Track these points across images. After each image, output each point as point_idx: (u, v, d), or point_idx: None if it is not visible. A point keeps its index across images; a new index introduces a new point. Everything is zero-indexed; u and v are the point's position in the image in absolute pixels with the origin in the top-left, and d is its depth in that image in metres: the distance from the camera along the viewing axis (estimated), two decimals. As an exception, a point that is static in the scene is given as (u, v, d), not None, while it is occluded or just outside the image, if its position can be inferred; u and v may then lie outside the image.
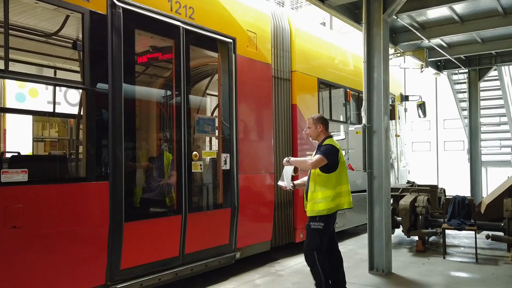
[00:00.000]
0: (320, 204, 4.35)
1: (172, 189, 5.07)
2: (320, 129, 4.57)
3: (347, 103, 8.66)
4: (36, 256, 3.65)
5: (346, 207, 4.48)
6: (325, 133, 4.60)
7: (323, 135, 4.58)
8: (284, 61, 6.92)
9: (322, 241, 4.36)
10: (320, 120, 4.60)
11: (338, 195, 4.39)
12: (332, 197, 4.33)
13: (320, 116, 4.67)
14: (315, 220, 4.36)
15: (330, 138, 4.56)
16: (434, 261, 6.53)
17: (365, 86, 5.97)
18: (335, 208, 4.38)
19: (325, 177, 4.37)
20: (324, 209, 4.32)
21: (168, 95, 5.93)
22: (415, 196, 7.47)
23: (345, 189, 4.46)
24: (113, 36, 4.29)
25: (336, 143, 4.51)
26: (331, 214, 4.36)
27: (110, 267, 4.21)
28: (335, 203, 4.37)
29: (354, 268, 6.11)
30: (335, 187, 4.37)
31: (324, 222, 4.33)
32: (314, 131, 4.61)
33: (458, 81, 12.31)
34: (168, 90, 5.90)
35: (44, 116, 7.24)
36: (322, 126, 4.57)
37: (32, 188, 3.59)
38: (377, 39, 5.94)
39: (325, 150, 4.43)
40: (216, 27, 5.50)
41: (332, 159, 4.37)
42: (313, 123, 4.60)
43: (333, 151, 4.40)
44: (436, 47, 9.17)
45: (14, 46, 5.15)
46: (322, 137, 4.58)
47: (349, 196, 4.50)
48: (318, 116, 4.68)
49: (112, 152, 4.22)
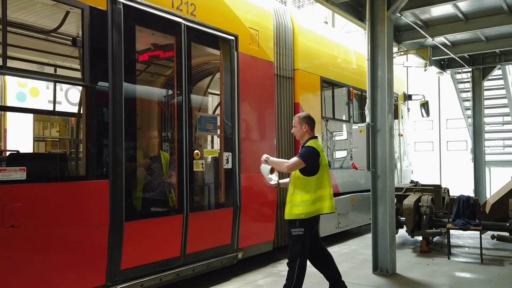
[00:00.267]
0: (298, 207, 4.21)
1: (173, 188, 5.00)
2: (305, 129, 4.40)
3: (350, 102, 8.58)
4: (35, 256, 3.58)
5: (327, 211, 4.31)
6: (310, 133, 4.43)
7: (308, 136, 4.42)
8: (286, 59, 6.85)
9: (304, 247, 4.23)
10: (305, 119, 4.42)
11: (318, 199, 4.23)
12: (311, 201, 4.18)
13: (306, 116, 4.48)
14: (295, 226, 4.21)
15: (314, 139, 4.38)
16: (439, 262, 6.44)
17: (369, 84, 5.90)
18: (315, 213, 4.22)
19: (305, 180, 4.23)
20: (302, 213, 4.18)
21: (169, 93, 5.86)
22: (419, 196, 7.38)
23: (326, 193, 4.28)
24: (113, 32, 4.22)
25: (319, 145, 4.32)
26: (310, 218, 4.22)
27: (110, 267, 4.14)
28: (315, 207, 4.21)
29: (358, 269, 6.03)
30: (316, 191, 4.21)
31: (304, 227, 4.20)
32: (299, 131, 4.45)
33: (462, 80, 12.21)
34: (169, 87, 5.83)
35: (44, 114, 7.17)
36: (307, 126, 4.40)
37: (30, 187, 3.52)
38: (381, 37, 5.87)
39: (304, 152, 4.29)
40: (218, 24, 5.43)
41: (310, 162, 4.22)
42: (298, 122, 4.45)
43: (313, 154, 4.24)
44: (439, 45, 9.08)
45: (13, 44, 5.07)
46: (307, 137, 4.42)
47: (331, 200, 4.33)
48: (304, 115, 4.49)
49: (113, 150, 4.15)
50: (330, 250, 7.20)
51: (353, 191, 8.43)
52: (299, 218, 4.18)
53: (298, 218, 4.19)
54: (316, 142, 4.36)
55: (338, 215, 7.82)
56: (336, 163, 8.32)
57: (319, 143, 4.38)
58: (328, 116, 7.88)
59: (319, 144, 4.37)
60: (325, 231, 7.41)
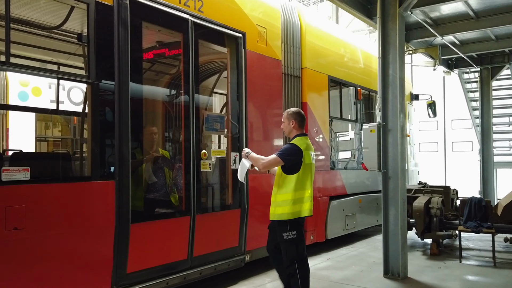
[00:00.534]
0: (280, 207, 4.07)
1: (180, 189, 4.86)
2: (293, 125, 4.24)
3: (357, 101, 8.44)
4: (39, 259, 3.45)
5: (306, 214, 4.10)
6: (298, 130, 4.25)
7: (295, 132, 4.26)
8: (294, 58, 6.71)
9: (298, 250, 4.09)
10: (293, 115, 4.25)
11: (299, 200, 4.05)
12: (292, 201, 4.02)
13: (296, 111, 4.29)
14: (286, 230, 4.06)
15: (300, 137, 4.20)
16: (450, 265, 6.29)
17: (380, 83, 5.76)
18: (296, 214, 4.06)
19: (285, 179, 4.08)
20: (284, 213, 4.03)
21: (175, 91, 5.73)
22: (429, 198, 7.24)
23: (306, 194, 4.09)
24: (119, 28, 4.09)
25: (303, 143, 4.12)
26: (299, 219, 4.07)
27: (116, 270, 4.00)
28: (295, 208, 4.04)
29: (368, 272, 5.89)
30: (295, 191, 4.03)
31: (296, 229, 4.06)
32: (287, 127, 4.29)
33: (469, 80, 12.05)
34: (176, 86, 5.70)
35: (49, 113, 7.05)
36: (295, 122, 4.23)
37: (34, 187, 3.39)
38: (392, 34, 5.73)
39: (283, 150, 4.15)
40: (225, 21, 5.30)
41: (289, 160, 4.05)
42: (286, 117, 4.29)
43: (293, 151, 4.07)
44: (449, 44, 8.93)
45: (17, 41, 4.95)
46: (294, 133, 4.26)
47: (311, 202, 4.13)
48: (294, 111, 4.31)
49: (118, 150, 4.02)
50: (337, 253, 7.16)
51: (361, 192, 8.29)
52: (283, 219, 4.05)
53: (281, 218, 4.06)
54: (301, 139, 4.17)
55: (346, 217, 7.68)
56: (344, 163, 8.17)
57: (305, 141, 4.17)
58: (335, 115, 7.74)
59: (304, 142, 4.16)
60: (332, 233, 7.28)
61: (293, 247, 4.07)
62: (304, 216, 4.12)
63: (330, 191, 7.35)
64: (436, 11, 7.69)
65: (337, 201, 7.42)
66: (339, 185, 7.62)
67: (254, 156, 4.27)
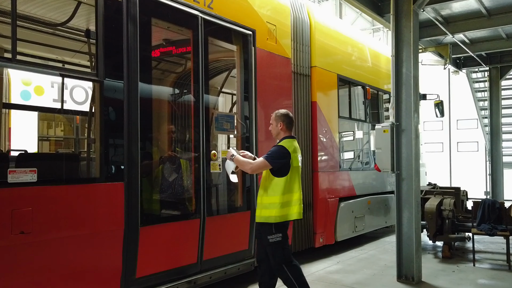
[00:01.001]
0: (267, 210, 3.94)
1: (190, 191, 4.72)
2: (281, 127, 4.12)
3: (366, 101, 8.29)
4: (46, 264, 3.31)
5: (295, 218, 4.00)
6: (286, 132, 4.13)
7: (283, 134, 4.13)
8: (304, 56, 6.57)
9: (285, 251, 3.96)
10: (282, 117, 4.13)
11: (287, 203, 3.94)
12: (280, 204, 3.90)
13: (284, 113, 4.16)
14: (271, 232, 3.93)
15: (288, 139, 4.08)
16: (464, 269, 6.14)
17: (393, 82, 5.61)
18: (283, 218, 3.94)
19: (274, 181, 3.96)
20: (271, 215, 3.91)
21: (184, 90, 5.59)
22: (441, 199, 7.09)
23: (295, 197, 3.98)
24: (128, 24, 3.95)
25: (291, 146, 4.01)
26: (284, 222, 3.95)
27: (125, 275, 3.86)
28: (283, 211, 3.93)
29: (381, 276, 5.74)
30: (284, 194, 3.92)
31: (281, 232, 3.94)
32: (274, 129, 4.18)
33: (477, 80, 11.90)
34: (185, 84, 5.55)
35: (55, 112, 6.92)
36: (283, 124, 4.11)
37: (41, 189, 3.25)
38: (406, 32, 5.58)
39: (271, 153, 4.01)
40: (235, 18, 5.16)
41: (277, 164, 3.93)
42: (274, 119, 4.17)
43: (282, 154, 3.95)
44: (459, 42, 8.78)
45: (21, 38, 4.80)
46: (282, 136, 4.13)
47: (300, 206, 4.02)
48: (282, 112, 4.17)
49: (128, 150, 3.88)
50: (347, 255, 7.01)
51: (370, 193, 8.14)
52: (269, 222, 3.92)
53: (267, 221, 3.93)
54: (289, 142, 4.05)
55: (355, 219, 7.54)
56: (353, 164, 8.03)
57: (292, 143, 4.05)
58: (344, 115, 7.60)
59: (292, 144, 4.04)
60: (342, 235, 7.14)
61: (279, 250, 3.95)
62: (292, 219, 4.02)
63: (340, 192, 7.21)
64: (447, 9, 7.56)
65: (347, 202, 7.28)
66: (348, 186, 7.48)
67: (240, 159, 4.12)
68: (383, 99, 9.11)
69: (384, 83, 8.91)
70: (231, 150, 4.24)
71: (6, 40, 3.92)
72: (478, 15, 7.67)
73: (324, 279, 5.56)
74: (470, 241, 6.87)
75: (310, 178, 6.60)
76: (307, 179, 6.52)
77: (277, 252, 3.96)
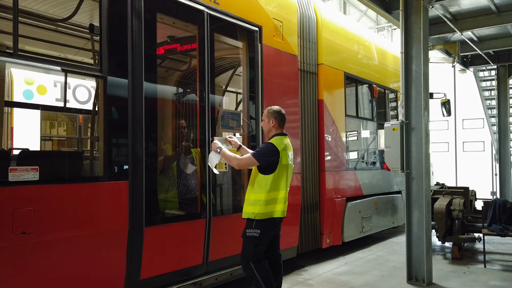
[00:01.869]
0: (251, 206, 3.87)
1: (195, 190, 4.61)
2: (273, 124, 4.03)
3: (373, 99, 8.16)
4: (48, 265, 3.20)
5: (279, 216, 3.91)
6: (278, 129, 4.05)
7: (274, 131, 4.05)
8: (310, 53, 6.45)
9: (256, 250, 3.84)
10: (274, 114, 4.05)
11: (272, 201, 3.86)
12: (265, 202, 3.81)
13: (277, 110, 4.08)
14: (250, 226, 3.85)
15: (279, 136, 4.00)
16: (475, 270, 6.00)
17: (403, 79, 5.49)
18: (267, 215, 3.84)
19: (260, 178, 3.88)
20: (254, 212, 3.83)
21: (190, 87, 5.48)
22: (450, 199, 6.95)
23: (280, 195, 3.90)
24: (133, 19, 3.84)
25: (281, 143, 3.92)
26: (268, 220, 3.85)
27: (129, 277, 3.76)
28: (268, 209, 3.84)
29: (390, 278, 5.61)
30: (269, 192, 3.84)
31: (261, 229, 3.83)
32: (266, 125, 4.10)
33: (484, 78, 11.74)
34: (190, 81, 5.45)
35: (59, 111, 6.83)
36: (275, 121, 4.03)
37: (43, 188, 3.15)
38: (415, 28, 5.45)
39: (259, 149, 3.97)
40: (241, 14, 5.05)
41: (265, 161, 3.85)
42: (266, 115, 4.09)
43: (270, 152, 3.87)
44: (467, 40, 8.65)
45: (23, 34, 4.71)
46: (273, 133, 4.05)
47: (284, 204, 3.94)
48: (274, 109, 4.09)
49: (132, 148, 3.77)
50: (354, 256, 6.89)
51: (377, 193, 8.01)
52: (253, 218, 3.84)
53: (251, 217, 3.85)
54: (279, 139, 3.97)
55: (362, 219, 7.41)
56: (360, 163, 7.90)
57: (283, 141, 3.97)
58: (351, 114, 7.47)
59: (282, 142, 3.95)
60: (349, 236, 7.01)
61: (251, 246, 3.85)
62: (276, 217, 3.91)
63: (347, 192, 7.08)
64: (456, 6, 7.44)
65: (354, 202, 7.15)
66: (355, 185, 7.35)
67: (227, 153, 4.03)
68: (389, 98, 8.99)
69: (391, 81, 8.79)
70: (216, 141, 4.11)
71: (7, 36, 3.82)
72: (487, 12, 7.54)
73: (332, 281, 5.43)
74: (480, 242, 6.74)
75: (317, 177, 6.48)
76: (314, 179, 6.40)
77: (248, 247, 3.88)
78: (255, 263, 3.85)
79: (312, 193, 6.35)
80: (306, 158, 6.24)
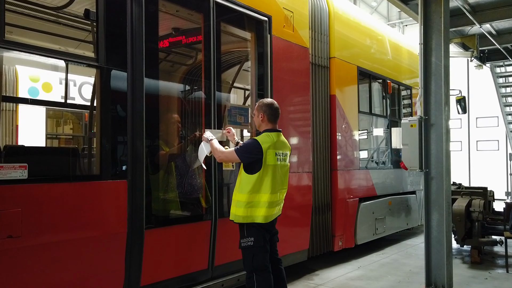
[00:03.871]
0: (234, 207, 3.61)
1: (200, 190, 4.33)
2: (262, 118, 3.70)
3: (387, 95, 7.81)
4: (37, 272, 2.93)
5: (259, 221, 3.52)
6: (268, 125, 3.70)
7: (264, 127, 3.71)
8: (322, 46, 6.14)
9: (255, 259, 3.53)
10: (264, 107, 3.69)
11: (252, 204, 3.52)
12: (245, 203, 3.51)
13: (268, 103, 3.72)
14: (243, 236, 3.57)
15: (268, 133, 3.63)
16: (497, 276, 5.65)
17: (421, 72, 5.13)
18: (248, 219, 3.52)
19: (245, 178, 3.56)
20: (236, 214, 3.56)
21: (195, 80, 5.19)
22: (469, 200, 6.59)
23: (263, 199, 3.53)
24: (133, 5, 3.56)
25: (268, 141, 3.55)
26: (260, 224, 3.52)
27: (128, 283, 3.48)
28: (247, 212, 3.52)
29: (407, 283, 5.29)
30: (251, 193, 3.51)
31: (254, 236, 3.52)
32: (256, 120, 3.76)
33: (502, 74, 11.31)
34: (195, 74, 5.16)
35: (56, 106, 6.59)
36: (264, 116, 3.68)
37: (32, 188, 2.88)
38: (435, 18, 5.10)
39: (242, 145, 3.64)
40: (249, 3, 4.74)
41: (246, 158, 3.54)
42: (256, 109, 3.75)
43: (253, 149, 3.52)
44: (486, 33, 8.25)
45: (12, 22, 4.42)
46: (263, 128, 3.71)
47: (268, 209, 3.54)
48: (265, 102, 3.74)
49: (132, 145, 3.50)
50: (368, 259, 6.56)
51: (390, 193, 7.67)
52: (238, 222, 3.57)
53: (236, 221, 3.58)
54: (267, 136, 3.60)
55: (376, 220, 7.08)
56: (373, 162, 7.57)
57: (271, 138, 3.59)
58: (364, 110, 7.14)
59: (271, 139, 3.58)
60: (362, 238, 6.69)
61: (249, 257, 3.56)
62: (258, 222, 3.54)
63: (359, 192, 6.76)
64: (476, -4, 7.04)
65: (367, 203, 6.83)
66: (368, 186, 7.02)
67: (214, 145, 3.75)
68: (402, 95, 8.64)
69: (405, 77, 8.43)
70: (208, 133, 3.83)
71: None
72: (508, 3, 7.14)
73: (345, 287, 5.13)
74: (501, 246, 6.37)
75: (329, 177, 6.17)
76: (326, 178, 6.09)
77: (246, 258, 3.59)
78: (258, 274, 3.54)
79: (324, 193, 6.04)
80: (318, 157, 5.93)
